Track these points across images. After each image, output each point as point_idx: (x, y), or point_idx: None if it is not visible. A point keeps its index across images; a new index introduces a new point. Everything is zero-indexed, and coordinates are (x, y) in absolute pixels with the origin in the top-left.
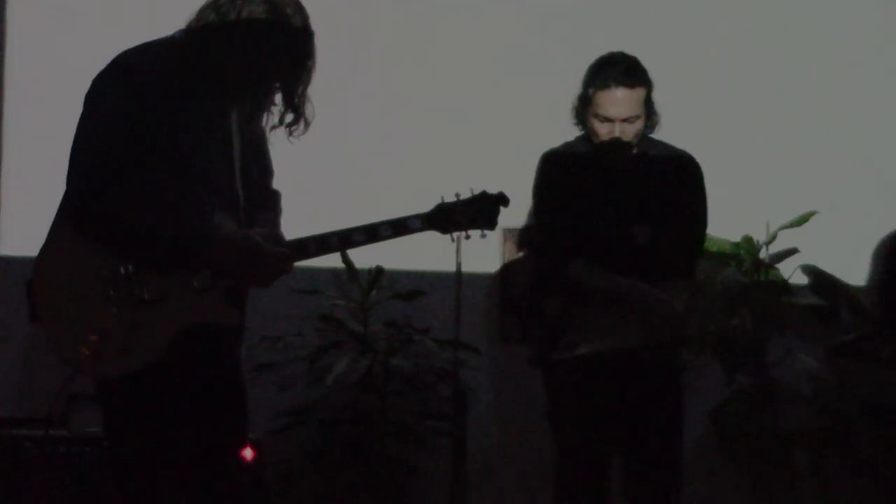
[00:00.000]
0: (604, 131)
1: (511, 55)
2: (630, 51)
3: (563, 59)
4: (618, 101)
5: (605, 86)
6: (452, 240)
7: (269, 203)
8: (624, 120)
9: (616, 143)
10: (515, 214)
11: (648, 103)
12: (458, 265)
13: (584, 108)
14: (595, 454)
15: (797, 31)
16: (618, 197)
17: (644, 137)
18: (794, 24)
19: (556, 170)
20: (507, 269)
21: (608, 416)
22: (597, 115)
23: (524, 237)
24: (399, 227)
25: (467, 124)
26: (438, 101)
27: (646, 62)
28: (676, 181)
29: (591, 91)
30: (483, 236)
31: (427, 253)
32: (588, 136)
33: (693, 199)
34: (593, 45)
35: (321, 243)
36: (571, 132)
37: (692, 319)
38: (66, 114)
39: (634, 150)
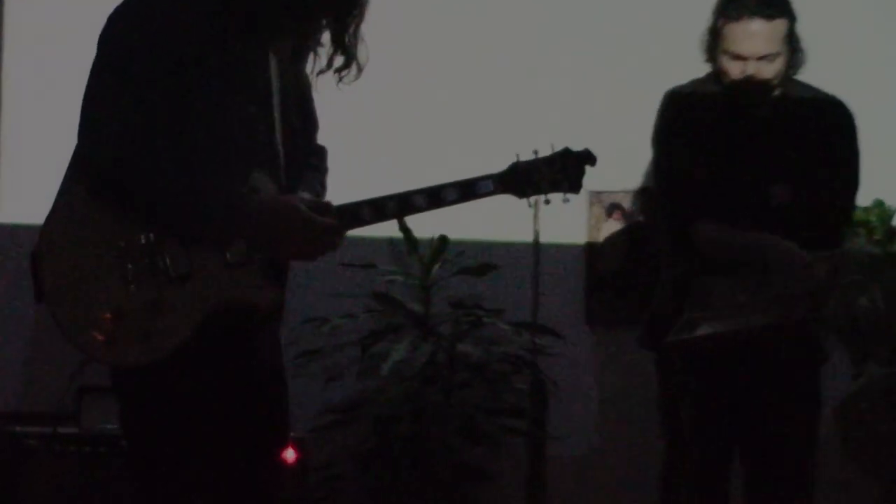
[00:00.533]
0: (736, 71)
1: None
2: None
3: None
4: (753, 36)
5: (737, 17)
6: (530, 205)
7: (313, 161)
8: (760, 58)
9: (751, 85)
10: (604, 176)
11: (791, 39)
12: (537, 235)
13: (713, 43)
14: (715, 452)
15: None
16: (753, 149)
17: (786, 79)
18: None
19: (681, 112)
20: (597, 238)
21: (732, 409)
22: (728, 52)
23: (644, 197)
24: (467, 190)
25: (551, 72)
26: (511, 45)
27: None
28: (824, 132)
29: (721, 23)
30: (566, 200)
31: (500, 221)
32: (719, 75)
33: (844, 154)
34: None
35: (376, 209)
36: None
37: (832, 297)
38: (73, 62)
39: (775, 94)
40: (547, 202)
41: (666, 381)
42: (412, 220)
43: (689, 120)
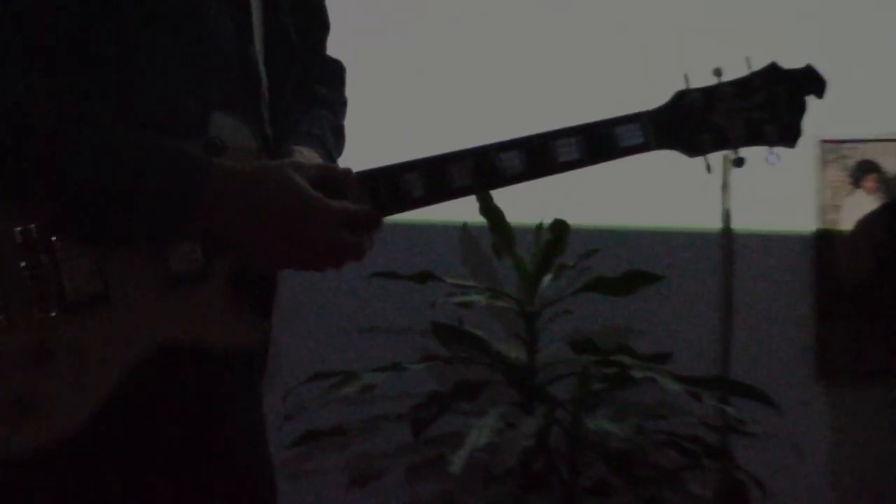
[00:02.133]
0: None
1: None
2: None
3: None
4: None
5: None
6: (709, 168)
7: (320, 91)
8: None
9: None
10: (843, 116)
11: None
12: (727, 218)
13: None
14: None
15: None
16: None
17: None
18: None
19: None
20: (834, 224)
21: None
22: None
23: None
24: (597, 142)
25: None
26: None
27: None
28: None
29: None
30: (772, 160)
31: (655, 195)
32: None
33: None
34: None
35: (435, 177)
36: None
37: None
38: None
39: None
40: (739, 163)
41: None
42: (502, 198)
43: None
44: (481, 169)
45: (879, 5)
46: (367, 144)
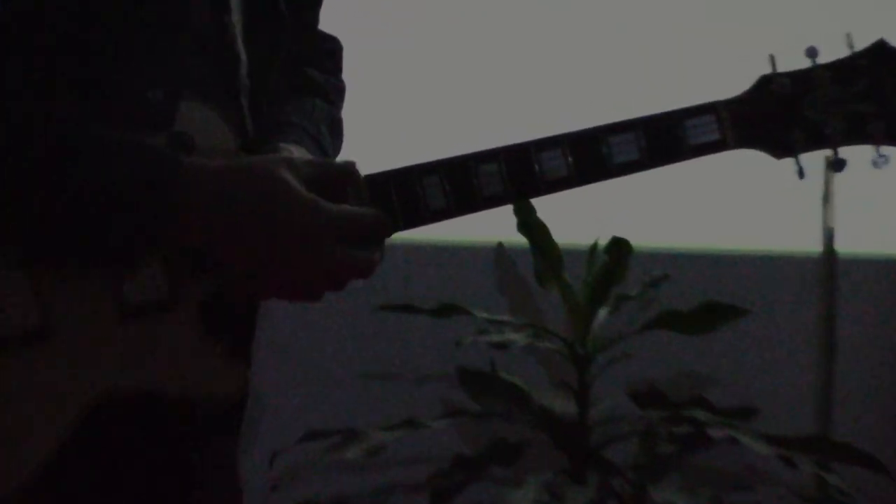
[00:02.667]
0: None
1: None
2: None
3: None
4: None
5: None
6: (802, 173)
7: (310, 75)
8: None
9: None
10: None
11: None
12: (828, 236)
13: None
14: None
15: None
16: None
17: None
18: None
19: None
20: None
21: None
22: None
23: None
24: (664, 139)
25: None
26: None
27: None
28: None
29: None
30: (880, 163)
31: (733, 208)
32: None
33: None
34: None
35: (458, 186)
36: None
37: None
38: None
39: None
40: (839, 166)
41: None
42: (546, 206)
43: None
44: (518, 172)
45: None
46: (367, 147)
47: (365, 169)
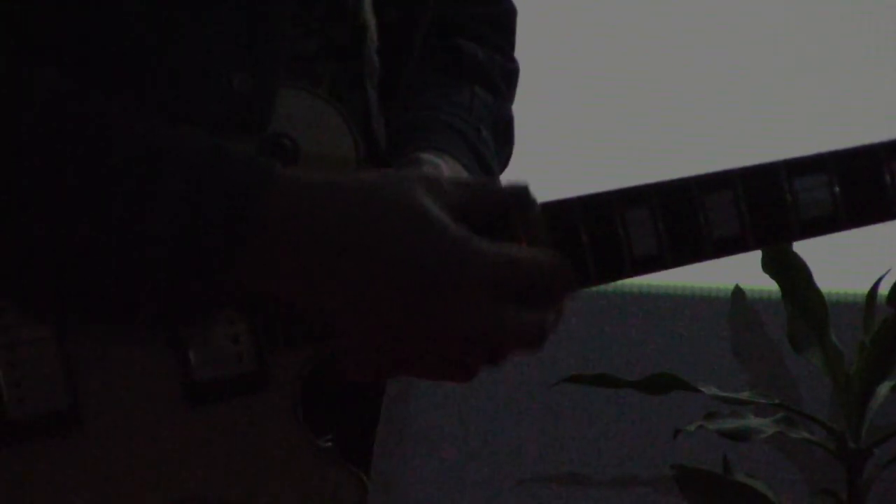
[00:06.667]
0: None
1: None
2: None
3: None
4: None
5: None
6: None
7: (471, 56)
8: None
9: None
10: None
11: None
12: None
13: None
14: None
15: None
16: None
17: None
18: None
19: None
20: None
21: None
22: None
23: None
24: None
25: None
26: None
27: None
28: None
29: None
30: None
31: None
32: None
33: None
34: None
35: (677, 224)
36: None
37: None
38: None
39: None
40: None
41: None
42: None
43: None
44: (764, 205)
45: None
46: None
47: (541, 193)
